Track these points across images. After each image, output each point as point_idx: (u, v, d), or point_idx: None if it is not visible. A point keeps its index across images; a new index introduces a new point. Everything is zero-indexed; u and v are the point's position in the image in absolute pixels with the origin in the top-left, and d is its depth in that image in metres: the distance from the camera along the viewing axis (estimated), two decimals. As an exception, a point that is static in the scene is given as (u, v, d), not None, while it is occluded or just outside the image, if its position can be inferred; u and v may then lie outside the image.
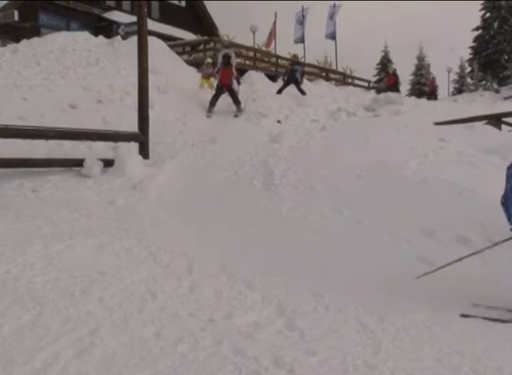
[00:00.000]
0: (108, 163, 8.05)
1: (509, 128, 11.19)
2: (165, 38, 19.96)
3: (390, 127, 9.45)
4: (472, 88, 30.17)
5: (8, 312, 3.38)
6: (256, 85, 15.16)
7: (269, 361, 2.99)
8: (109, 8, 25.99)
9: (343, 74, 25.98)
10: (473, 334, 3.59)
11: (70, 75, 13.52)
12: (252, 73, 16.69)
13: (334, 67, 27.35)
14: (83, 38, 16.30)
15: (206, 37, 22.76)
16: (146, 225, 5.80)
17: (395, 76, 24.21)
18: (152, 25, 18.28)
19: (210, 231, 5.81)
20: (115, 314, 3.47)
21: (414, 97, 22.87)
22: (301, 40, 26.60)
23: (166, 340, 3.17)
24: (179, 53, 19.07)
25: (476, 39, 34.59)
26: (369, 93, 22.58)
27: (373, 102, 14.50)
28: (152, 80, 10.18)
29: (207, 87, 14.30)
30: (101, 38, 17.09)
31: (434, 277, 4.71)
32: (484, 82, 29.97)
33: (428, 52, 40.37)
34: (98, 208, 6.43)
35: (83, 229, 5.52)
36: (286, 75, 15.47)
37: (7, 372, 2.71)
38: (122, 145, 8.43)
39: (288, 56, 24.16)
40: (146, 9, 9.40)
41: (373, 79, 36.19)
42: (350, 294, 4.19)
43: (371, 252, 5.28)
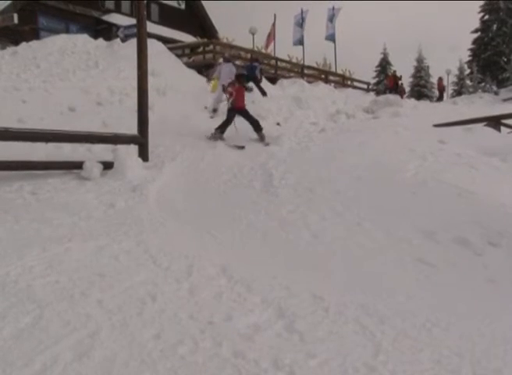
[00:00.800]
0: (108, 166, 8.05)
1: (508, 130, 11.22)
2: (165, 41, 20.00)
3: (389, 129, 9.46)
4: (471, 90, 30.21)
5: (7, 315, 3.38)
6: (255, 87, 15.14)
7: (269, 363, 2.99)
8: (108, 10, 26.06)
9: (343, 76, 26.05)
10: (473, 336, 3.59)
11: (70, 78, 13.57)
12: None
13: (333, 69, 27.42)
14: (82, 41, 16.35)
15: (205, 40, 22.81)
16: (145, 227, 5.79)
17: (395, 77, 24.25)
18: (152, 27, 18.31)
19: (209, 233, 5.81)
20: (114, 317, 3.47)
21: (414, 99, 22.91)
22: (300, 42, 26.67)
23: (166, 342, 3.17)
24: (178, 55, 19.16)
25: (475, 41, 34.70)
26: (368, 95, 22.63)
27: (372, 104, 14.56)
28: (152, 83, 10.20)
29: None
30: (101, 41, 17.15)
31: (434, 278, 4.72)
32: (483, 84, 30.02)
33: (428, 55, 40.52)
34: (98, 210, 6.43)
35: (82, 231, 5.51)
36: (245, 70, 14.64)
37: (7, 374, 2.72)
38: (121, 148, 8.42)
39: (287, 58, 24.25)
40: (145, 12, 9.41)
41: (372, 81, 36.31)
42: (350, 296, 4.19)
43: (370, 254, 5.28)
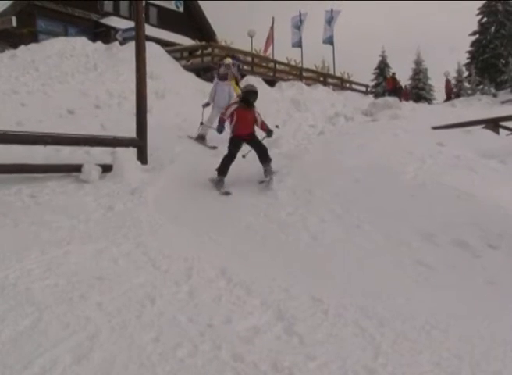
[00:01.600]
0: (107, 169, 8.05)
1: (507, 132, 11.24)
2: (163, 44, 20.02)
3: (388, 132, 9.46)
4: (470, 93, 30.24)
5: (6, 318, 3.37)
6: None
7: (268, 366, 2.99)
8: (107, 13, 26.10)
9: (341, 79, 26.10)
10: (472, 338, 3.59)
11: (68, 80, 13.56)
12: (250, 78, 16.71)
13: (332, 72, 27.48)
14: (81, 44, 16.36)
15: (204, 43, 22.84)
16: (144, 230, 5.79)
17: (394, 80, 24.31)
18: (150, 30, 18.40)
19: (208, 236, 5.80)
20: (113, 319, 3.46)
21: (412, 101, 22.95)
22: (299, 44, 26.69)
23: (165, 345, 3.16)
24: (176, 58, 19.18)
25: (473, 43, 34.74)
26: (367, 97, 22.66)
27: (371, 107, 14.57)
28: (150, 86, 10.20)
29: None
30: (99, 44, 17.16)
31: (433, 280, 4.72)
32: (481, 86, 30.05)
33: (426, 57, 40.59)
34: (96, 213, 6.42)
35: (81, 234, 5.51)
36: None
37: (5, 378, 2.71)
38: (120, 150, 8.42)
39: (286, 61, 24.26)
40: (144, 15, 9.43)
41: (371, 83, 36.35)
42: (350, 298, 4.19)
43: (369, 256, 5.27)
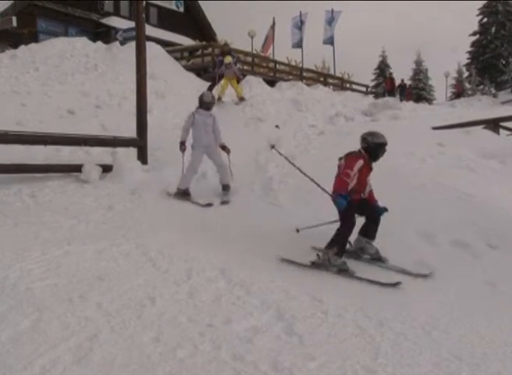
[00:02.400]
0: (107, 169, 8.06)
1: (507, 132, 11.23)
2: (164, 44, 20.02)
3: (388, 132, 9.44)
4: (470, 93, 30.25)
5: (6, 318, 3.38)
6: (254, 90, 15.15)
7: (268, 366, 2.99)
8: (107, 13, 26.08)
9: (341, 79, 26.08)
10: (472, 339, 3.59)
11: (68, 81, 13.58)
12: (250, 78, 16.70)
13: (332, 72, 27.47)
14: (81, 44, 16.37)
15: (204, 43, 22.82)
16: (144, 230, 5.79)
17: (391, 80, 24.35)
18: (150, 30, 18.40)
19: (208, 236, 5.81)
20: (113, 320, 3.47)
21: (412, 101, 22.92)
22: (299, 45, 26.66)
23: (165, 345, 3.16)
24: (177, 58, 19.15)
25: (474, 44, 34.76)
26: (367, 98, 22.64)
27: (371, 107, 14.54)
28: (150, 86, 10.21)
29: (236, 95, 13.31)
30: (100, 44, 17.16)
31: (433, 280, 4.71)
32: (482, 87, 30.06)
33: (426, 57, 40.61)
34: (97, 213, 6.43)
35: (81, 234, 5.51)
36: (216, 68, 13.04)
37: (5, 378, 2.71)
38: (120, 151, 8.43)
39: (286, 61, 24.24)
40: (144, 15, 9.44)
41: (371, 84, 36.36)
42: (349, 298, 4.19)
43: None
